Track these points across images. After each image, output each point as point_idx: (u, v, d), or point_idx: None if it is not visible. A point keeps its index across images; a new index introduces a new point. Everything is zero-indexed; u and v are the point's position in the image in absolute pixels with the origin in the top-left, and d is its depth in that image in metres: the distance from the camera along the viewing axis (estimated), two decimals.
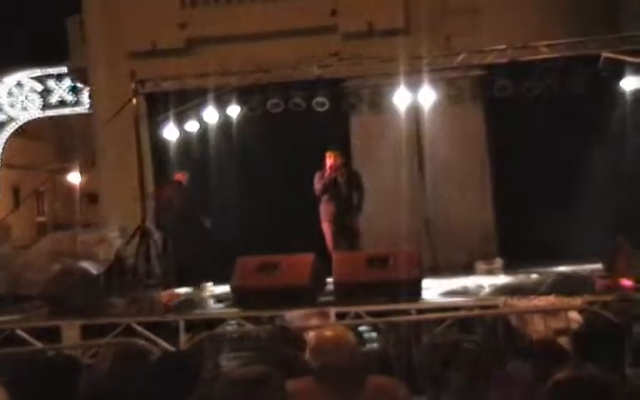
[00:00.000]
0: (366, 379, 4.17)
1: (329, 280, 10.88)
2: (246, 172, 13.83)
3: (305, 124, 13.62)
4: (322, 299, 10.57)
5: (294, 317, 8.83)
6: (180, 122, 13.74)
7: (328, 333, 4.43)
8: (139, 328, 9.62)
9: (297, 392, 4.07)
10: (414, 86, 13.37)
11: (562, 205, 12.94)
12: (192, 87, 13.91)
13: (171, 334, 9.55)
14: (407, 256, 10.85)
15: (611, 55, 12.50)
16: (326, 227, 11.91)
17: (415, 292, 10.21)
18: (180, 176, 13.21)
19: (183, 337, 9.31)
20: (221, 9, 15.96)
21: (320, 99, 13.64)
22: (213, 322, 9.49)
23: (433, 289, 10.88)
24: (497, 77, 13.32)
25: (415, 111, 13.89)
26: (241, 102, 13.70)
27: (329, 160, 11.73)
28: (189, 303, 11.15)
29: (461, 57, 13.38)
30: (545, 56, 12.93)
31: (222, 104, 13.66)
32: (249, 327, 9.50)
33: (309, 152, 12.62)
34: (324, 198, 11.84)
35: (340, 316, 9.28)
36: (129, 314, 10.34)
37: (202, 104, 13.59)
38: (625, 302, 8.48)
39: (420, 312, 9.14)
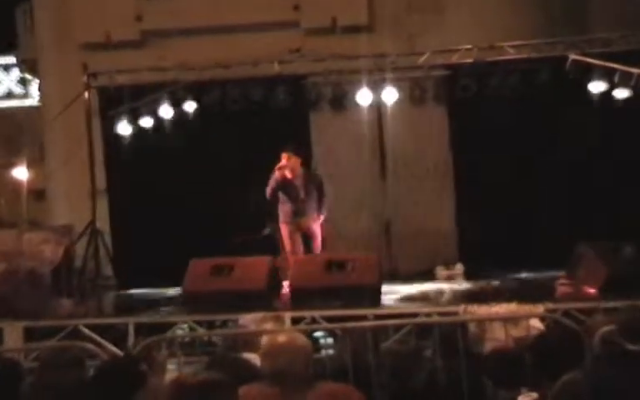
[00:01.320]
0: (318, 385, 4.17)
1: (286, 284, 10.88)
2: (202, 171, 13.74)
3: (264, 122, 13.59)
4: (278, 304, 10.56)
5: (248, 321, 8.76)
6: (134, 117, 13.59)
7: (281, 338, 4.44)
8: (86, 331, 9.54)
9: (249, 397, 4.06)
10: (377, 85, 13.40)
11: (525, 209, 13.08)
12: (147, 81, 13.78)
13: (120, 337, 9.49)
14: (366, 260, 10.87)
15: (578, 57, 12.62)
16: (284, 230, 11.88)
17: (373, 297, 10.25)
18: None
19: (132, 341, 9.23)
20: (179, 1, 15.77)
21: (280, 97, 13.66)
22: (164, 326, 9.41)
23: (392, 295, 10.92)
24: (462, 77, 13.45)
25: (377, 110, 13.92)
26: (198, 99, 13.63)
27: (283, 160, 11.66)
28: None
29: (425, 56, 13.44)
30: (511, 57, 13.06)
31: (178, 100, 13.57)
32: (201, 331, 9.45)
33: (268, 151, 12.59)
34: (282, 199, 11.80)
35: (295, 320, 9.27)
36: (76, 316, 10.25)
37: (157, 99, 13.48)
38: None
39: (378, 318, 9.13)
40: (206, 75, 13.67)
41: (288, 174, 11.62)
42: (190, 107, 13.66)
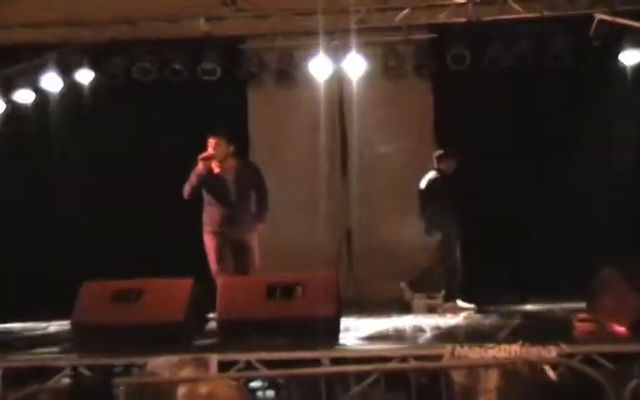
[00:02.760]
0: None
1: (212, 315, 10.80)
2: (100, 163, 13.65)
3: (186, 99, 13.56)
4: (202, 342, 10.49)
5: (161, 366, 8.74)
6: (7, 89, 13.44)
7: (202, 390, 4.35)
8: None
9: None
10: (338, 51, 13.45)
11: (535, 221, 13.12)
12: (23, 41, 13.57)
13: None
14: (320, 284, 10.81)
15: (607, 17, 12.68)
16: (209, 242, 11.74)
17: (330, 334, 10.19)
18: None
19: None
20: None
21: (208, 65, 13.59)
22: (45, 372, 9.27)
23: (355, 331, 10.91)
24: (452, 42, 13.52)
25: (338, 85, 14.05)
26: (95, 66, 13.52)
27: (209, 148, 11.52)
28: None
29: (403, 13, 13.46)
30: (518, 16, 13.09)
31: (67, 67, 13.46)
32: (97, 379, 9.33)
33: (192, 137, 12.51)
34: (207, 200, 11.68)
35: (225, 365, 9.19)
36: None
37: (39, 66, 13.34)
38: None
39: (335, 362, 9.10)
40: (105, 34, 13.53)
41: (216, 167, 11.50)
42: (84, 76, 13.52)
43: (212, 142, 11.49)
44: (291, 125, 14.20)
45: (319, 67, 13.38)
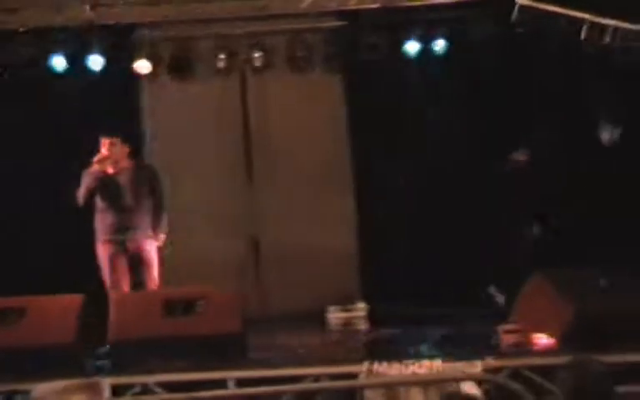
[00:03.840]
0: None
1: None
2: None
3: (68, 95, 13.44)
4: (94, 364, 10.43)
5: (47, 393, 8.68)
6: None
7: None
8: None
9: None
10: (238, 41, 13.48)
11: (456, 224, 13.24)
12: None
13: None
14: (224, 298, 10.85)
15: (528, 2, 12.86)
16: (102, 252, 11.66)
17: (236, 352, 10.23)
18: None
19: None
20: None
21: (93, 57, 13.49)
22: None
23: (264, 349, 10.90)
24: (365, 30, 13.54)
25: (241, 79, 13.99)
26: None
27: (103, 149, 11.45)
28: None
29: None
30: (434, 1, 13.20)
31: None
32: None
33: (77, 137, 12.46)
34: (100, 207, 11.60)
35: (119, 389, 9.17)
36: None
37: None
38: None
39: (242, 383, 9.13)
40: None
41: (110, 168, 11.43)
42: None
43: (105, 142, 11.42)
44: (188, 123, 14.14)
45: (218, 59, 13.38)
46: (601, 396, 5.46)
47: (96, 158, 11.32)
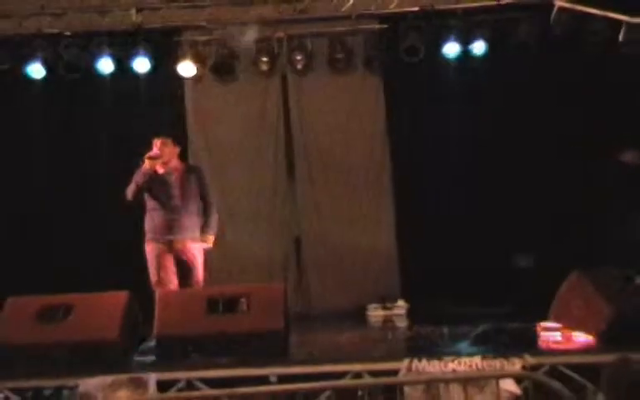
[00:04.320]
0: None
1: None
2: (21, 166, 13.55)
3: (115, 97, 13.49)
4: (139, 360, 10.45)
5: (94, 387, 8.69)
6: None
7: None
8: None
9: None
10: (281, 43, 13.64)
11: (494, 224, 13.19)
12: None
13: None
14: (266, 296, 10.81)
15: (567, 4, 12.80)
16: (150, 251, 11.65)
17: (278, 349, 10.20)
18: None
19: None
20: None
21: (139, 59, 13.52)
22: None
23: (306, 346, 10.90)
24: (405, 33, 13.50)
25: (282, 81, 14.03)
26: (17, 61, 13.44)
27: (155, 148, 11.41)
28: None
29: (350, 1, 13.52)
30: (473, 4, 13.19)
31: None
32: None
33: (126, 137, 12.55)
34: (149, 208, 11.60)
35: (164, 385, 9.17)
36: None
37: None
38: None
39: (284, 379, 9.11)
40: (28, 26, 13.48)
41: (160, 168, 11.41)
42: (35, 71, 13.52)
43: (157, 142, 11.39)
44: (231, 124, 14.17)
45: (262, 61, 13.44)
46: None
47: (148, 155, 11.30)
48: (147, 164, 11.22)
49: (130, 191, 11.23)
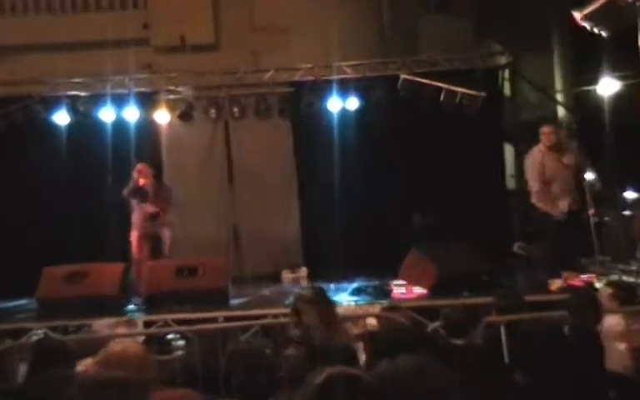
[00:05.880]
0: (155, 393, 3.96)
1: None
2: (59, 182, 13.40)
3: (116, 135, 13.43)
4: (132, 308, 10.44)
5: (102, 326, 8.69)
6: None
7: (115, 348, 4.26)
8: None
9: None
10: (224, 99, 13.67)
11: (366, 215, 13.32)
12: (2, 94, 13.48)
13: None
14: (215, 265, 10.90)
15: (408, 77, 13.02)
16: (134, 237, 11.70)
17: (222, 300, 10.28)
18: None
19: None
20: (31, 18, 15.35)
21: (131, 109, 13.46)
22: (19, 333, 9.13)
23: (240, 298, 10.93)
24: (304, 93, 13.58)
25: (225, 123, 14.01)
26: (45, 111, 13.36)
27: (139, 168, 11.60)
28: None
29: (269, 73, 13.59)
30: (348, 76, 13.35)
31: (33, 112, 13.30)
32: (56, 337, 9.21)
33: (122, 162, 12.53)
34: (134, 207, 11.65)
35: (148, 324, 9.19)
36: None
37: (10, 113, 13.16)
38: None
39: (227, 319, 9.16)
40: (58, 89, 13.43)
41: (142, 181, 11.53)
42: (62, 118, 13.44)
43: (140, 167, 11.54)
44: (192, 151, 14.18)
45: (210, 111, 13.64)
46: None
47: (137, 169, 11.45)
48: (136, 175, 11.34)
49: (126, 191, 11.35)
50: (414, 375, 3.03)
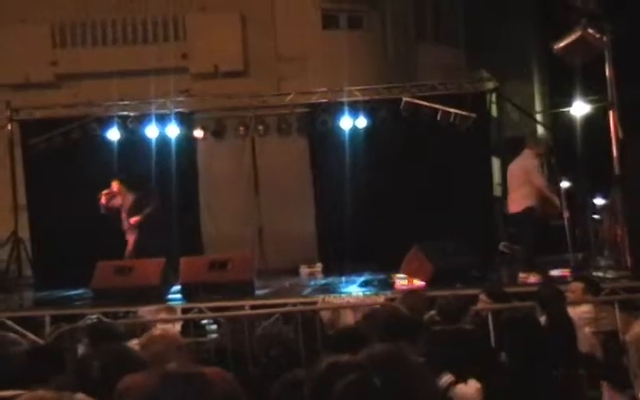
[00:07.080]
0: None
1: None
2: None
3: (159, 150, 13.44)
4: (171, 297, 10.44)
5: (145, 312, 8.66)
6: (51, 145, 13.26)
7: (156, 332, 4.29)
8: (9, 323, 9.20)
9: (133, 384, 3.17)
10: (251, 119, 13.61)
11: (375, 218, 13.23)
12: (62, 115, 13.52)
13: (38, 327, 9.19)
14: (242, 260, 10.86)
15: (409, 99, 13.00)
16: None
17: (249, 290, 10.26)
18: None
19: (48, 330, 8.96)
20: (88, 49, 15.54)
21: (172, 126, 13.49)
22: (75, 317, 9.16)
23: (264, 289, 10.91)
24: (320, 113, 13.55)
25: (252, 139, 13.97)
26: (99, 128, 13.42)
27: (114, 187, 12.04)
28: None
29: (290, 96, 13.61)
30: (357, 98, 13.32)
31: (89, 131, 13.36)
32: (107, 321, 9.23)
33: (164, 171, 12.58)
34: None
35: (185, 311, 9.19)
36: (1, 310, 9.89)
37: (70, 131, 13.21)
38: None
39: (253, 307, 9.16)
40: (111, 110, 13.50)
41: (103, 199, 11.99)
42: (113, 134, 13.45)
43: (110, 187, 12.06)
44: (223, 163, 14.19)
45: (240, 131, 13.56)
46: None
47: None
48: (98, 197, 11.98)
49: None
50: (389, 362, 2.93)
